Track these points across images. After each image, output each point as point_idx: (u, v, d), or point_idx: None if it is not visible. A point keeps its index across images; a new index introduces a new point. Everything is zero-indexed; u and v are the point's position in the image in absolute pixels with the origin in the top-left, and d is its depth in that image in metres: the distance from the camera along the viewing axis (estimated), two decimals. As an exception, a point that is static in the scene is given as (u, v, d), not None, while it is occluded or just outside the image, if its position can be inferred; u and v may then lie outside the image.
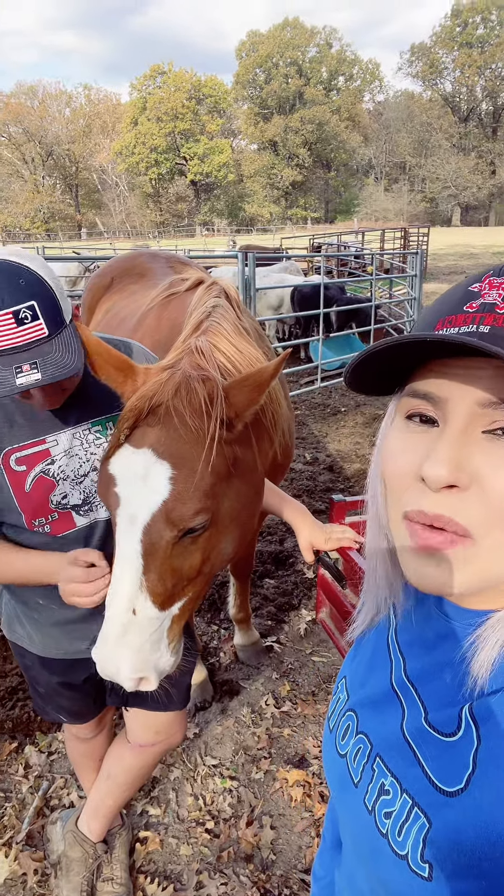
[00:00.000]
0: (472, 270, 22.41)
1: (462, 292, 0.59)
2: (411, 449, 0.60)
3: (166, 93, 74.51)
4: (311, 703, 2.82)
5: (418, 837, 0.57)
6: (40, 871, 2.08)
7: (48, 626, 1.61)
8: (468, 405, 0.55)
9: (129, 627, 1.26)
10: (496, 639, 0.58)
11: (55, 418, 1.47)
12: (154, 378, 1.32)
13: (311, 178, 78.67)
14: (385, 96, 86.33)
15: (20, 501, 1.44)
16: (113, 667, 1.27)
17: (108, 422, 1.54)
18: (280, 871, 2.09)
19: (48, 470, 1.46)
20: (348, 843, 0.76)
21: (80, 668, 1.68)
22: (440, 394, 0.57)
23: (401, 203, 71.12)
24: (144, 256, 3.34)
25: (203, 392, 1.29)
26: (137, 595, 1.25)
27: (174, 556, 1.28)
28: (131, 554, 1.25)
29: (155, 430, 1.27)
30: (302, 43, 79.32)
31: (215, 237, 54.08)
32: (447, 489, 0.55)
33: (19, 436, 1.43)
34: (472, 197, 68.46)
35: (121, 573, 1.26)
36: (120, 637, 1.26)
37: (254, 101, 79.50)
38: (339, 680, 0.86)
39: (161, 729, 1.79)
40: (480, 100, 74.66)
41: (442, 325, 0.58)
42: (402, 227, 21.32)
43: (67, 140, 77.77)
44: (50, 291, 1.26)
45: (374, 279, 10.91)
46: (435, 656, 0.66)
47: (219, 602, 3.58)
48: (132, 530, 1.25)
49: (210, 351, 1.46)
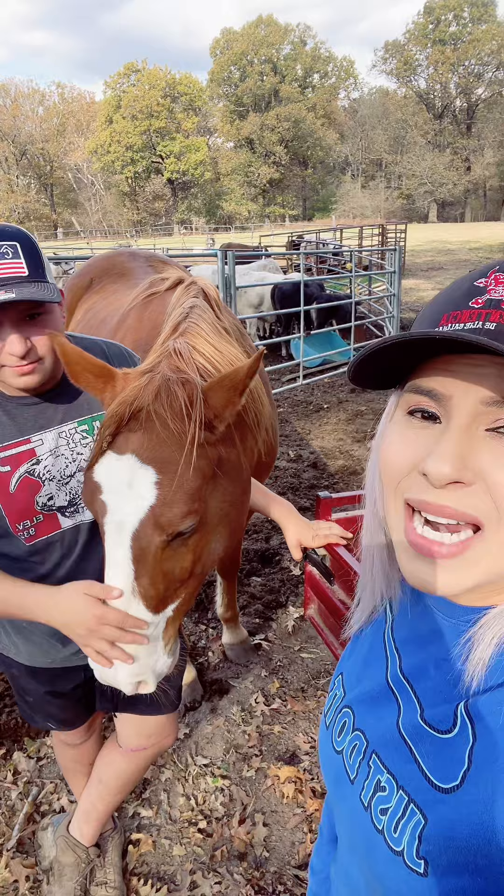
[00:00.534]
0: (448, 266, 22.61)
1: (467, 287, 0.59)
2: (412, 444, 0.60)
3: (141, 91, 74.02)
4: (301, 699, 2.83)
5: (414, 834, 0.58)
6: (32, 878, 2.06)
7: (35, 636, 1.58)
8: (472, 403, 0.55)
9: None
10: (491, 636, 0.58)
11: (41, 417, 1.45)
12: (133, 383, 1.31)
13: (289, 176, 78.75)
14: (360, 93, 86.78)
15: (4, 503, 1.41)
16: (111, 672, 1.27)
17: (95, 421, 1.52)
18: (274, 868, 2.10)
19: (34, 470, 1.43)
20: (344, 838, 0.76)
21: (69, 677, 1.66)
22: (444, 391, 0.57)
23: (378, 200, 71.45)
24: (124, 256, 3.32)
25: (183, 395, 1.28)
26: (131, 601, 1.25)
27: (165, 559, 1.27)
28: (122, 560, 1.24)
29: (137, 435, 1.26)
30: (276, 40, 79.26)
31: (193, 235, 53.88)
32: (451, 485, 0.55)
33: (3, 435, 1.41)
34: (448, 193, 69.03)
35: (113, 580, 1.25)
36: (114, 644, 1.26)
37: (229, 99, 79.29)
38: (336, 677, 0.86)
39: (152, 732, 1.78)
40: (454, 96, 75.25)
41: (447, 321, 0.58)
42: (379, 224, 21.43)
43: (41, 139, 76.86)
44: (34, 243, 1.30)
45: (354, 276, 10.96)
46: (430, 653, 0.67)
47: (206, 601, 3.57)
48: (121, 537, 1.24)
49: (189, 352, 1.45)
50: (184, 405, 1.27)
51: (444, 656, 0.64)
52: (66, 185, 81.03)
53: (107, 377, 1.33)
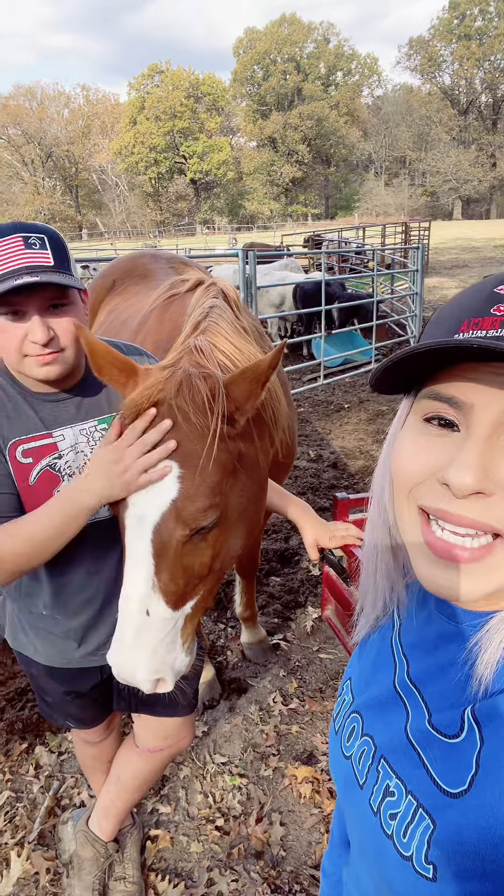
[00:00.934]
0: (473, 264, 22.32)
1: (488, 293, 0.58)
2: (428, 451, 0.59)
3: (164, 92, 74.40)
4: (319, 699, 2.83)
5: (423, 838, 0.58)
6: (52, 871, 2.09)
7: (52, 636, 1.60)
8: (495, 413, 0.54)
9: (143, 629, 1.25)
10: (499, 640, 0.58)
11: (63, 413, 1.47)
12: (155, 376, 1.32)
13: (311, 175, 78.47)
14: (384, 91, 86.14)
15: (24, 495, 1.42)
16: (130, 670, 1.27)
17: (115, 419, 1.55)
18: (290, 868, 2.10)
19: (55, 464, 1.45)
20: (355, 843, 0.76)
21: (87, 677, 1.68)
22: (465, 399, 0.56)
23: (401, 197, 70.79)
24: (146, 257, 3.35)
25: (205, 389, 1.29)
26: (150, 596, 1.25)
27: (185, 554, 1.27)
28: (142, 555, 1.25)
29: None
30: (299, 39, 79.05)
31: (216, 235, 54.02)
32: (472, 496, 0.55)
33: (27, 428, 1.42)
34: (473, 190, 68.12)
35: (133, 575, 1.25)
36: (135, 639, 1.25)
37: (252, 99, 79.31)
38: (345, 682, 0.86)
39: (169, 734, 1.79)
40: (480, 92, 74.28)
41: (468, 327, 0.57)
42: (402, 222, 21.26)
43: (66, 141, 77.78)
44: (60, 239, 1.34)
45: (376, 275, 10.89)
46: (437, 658, 0.67)
47: (225, 600, 3.59)
48: (142, 531, 1.24)
49: (210, 349, 1.46)
50: (206, 398, 1.28)
51: (451, 661, 0.63)
52: (91, 187, 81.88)
53: (129, 372, 1.34)
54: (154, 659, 1.27)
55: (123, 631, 1.26)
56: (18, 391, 1.44)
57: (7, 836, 2.23)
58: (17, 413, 1.42)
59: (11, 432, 1.41)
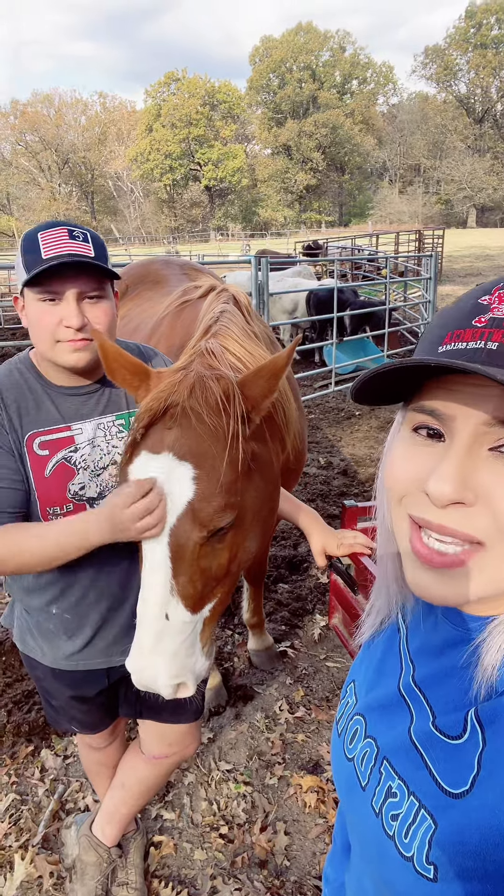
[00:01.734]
0: (487, 272, 22.24)
1: (471, 304, 0.58)
2: (415, 459, 0.60)
3: (180, 99, 75.06)
4: (326, 708, 2.81)
5: (424, 839, 0.58)
6: (56, 874, 2.09)
7: (60, 637, 1.59)
8: (474, 424, 0.55)
9: (163, 634, 1.24)
10: (499, 644, 0.58)
11: (83, 407, 1.49)
12: (168, 379, 1.33)
13: (325, 182, 78.68)
14: (399, 99, 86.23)
15: (38, 487, 1.43)
16: (150, 675, 1.25)
17: (131, 417, 1.55)
18: (294, 878, 2.09)
19: (70, 457, 1.46)
20: (356, 845, 0.76)
21: (93, 681, 1.67)
22: (446, 412, 0.57)
23: (415, 205, 70.78)
24: (158, 263, 3.37)
25: (218, 390, 1.30)
26: (169, 600, 1.24)
27: (202, 557, 1.27)
28: (160, 559, 1.24)
29: (172, 432, 1.27)
30: (315, 47, 79.44)
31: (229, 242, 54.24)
32: (452, 505, 0.56)
33: (45, 420, 1.44)
34: (488, 198, 67.89)
35: (151, 579, 1.25)
36: (155, 644, 1.24)
37: (267, 106, 79.71)
38: (348, 684, 0.86)
39: (174, 741, 1.79)
40: (495, 101, 74.15)
41: (450, 340, 0.58)
42: (416, 230, 21.24)
43: (83, 148, 78.65)
44: (101, 240, 1.44)
45: (389, 282, 10.88)
46: (442, 662, 0.67)
47: (232, 607, 3.58)
48: (160, 535, 1.24)
49: (221, 352, 1.48)
50: (219, 399, 1.28)
51: (455, 665, 0.64)
52: (107, 193, 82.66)
53: (142, 375, 1.36)
54: (174, 663, 1.25)
55: (143, 636, 1.24)
56: (42, 384, 1.47)
57: (11, 838, 2.23)
58: (38, 406, 1.45)
59: (30, 425, 1.43)
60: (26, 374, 1.47)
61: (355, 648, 0.91)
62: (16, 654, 3.11)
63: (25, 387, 1.45)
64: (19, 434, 1.42)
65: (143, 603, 1.26)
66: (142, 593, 1.27)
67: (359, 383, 0.62)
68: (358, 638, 0.86)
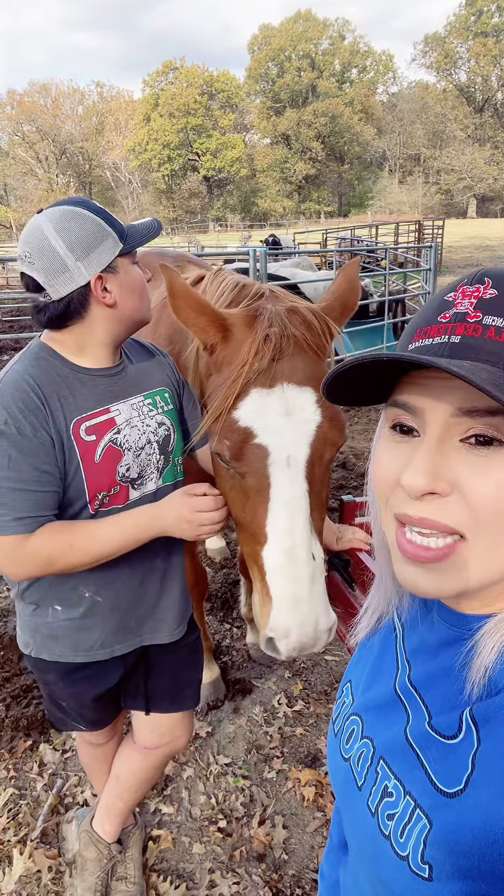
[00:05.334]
0: (487, 263, 22.19)
1: (438, 302, 0.61)
2: (394, 457, 0.62)
3: (178, 89, 74.40)
4: (324, 702, 2.81)
5: (419, 838, 0.58)
6: (54, 869, 2.10)
7: (93, 628, 1.53)
8: (442, 415, 0.57)
9: (314, 577, 1.20)
10: (493, 643, 0.59)
11: (114, 388, 1.47)
12: (255, 318, 1.34)
13: (325, 172, 78.15)
14: (399, 88, 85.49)
15: (88, 474, 1.39)
16: (312, 629, 1.20)
17: (157, 395, 1.55)
18: (292, 871, 2.09)
19: (115, 439, 1.43)
20: (353, 844, 0.76)
21: (113, 670, 1.62)
22: (417, 404, 0.60)
23: (415, 195, 70.34)
24: (151, 256, 3.34)
25: (310, 316, 1.33)
26: (311, 539, 1.21)
27: (323, 485, 1.27)
28: (297, 497, 1.21)
29: (283, 363, 1.26)
30: (314, 36, 78.69)
31: (228, 233, 53.97)
32: (428, 496, 0.57)
33: (85, 405, 1.40)
34: (488, 188, 67.49)
35: (291, 520, 1.20)
36: (312, 588, 1.19)
37: (266, 96, 79.03)
38: (344, 684, 0.87)
39: (165, 731, 1.79)
40: (496, 89, 73.52)
41: (419, 337, 0.60)
42: (416, 221, 21.13)
43: (80, 138, 78.00)
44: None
45: (388, 273, 10.81)
46: (439, 662, 0.67)
47: (231, 601, 3.58)
48: (293, 471, 1.21)
49: (281, 293, 1.50)
50: (318, 325, 1.31)
51: (451, 665, 0.64)
52: (105, 184, 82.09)
53: (210, 314, 1.37)
54: (328, 606, 1.21)
55: (297, 586, 1.19)
56: (70, 369, 1.42)
57: (10, 833, 2.23)
58: (73, 392, 1.40)
59: (72, 412, 1.38)
60: (53, 361, 1.42)
61: (352, 646, 0.91)
62: (14, 648, 3.10)
63: (57, 376, 1.40)
64: (62, 426, 1.36)
65: (289, 550, 1.20)
66: (281, 542, 1.22)
67: (328, 381, 0.64)
68: (354, 637, 0.87)
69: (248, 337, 1.31)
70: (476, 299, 0.57)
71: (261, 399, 1.24)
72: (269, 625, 1.23)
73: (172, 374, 1.66)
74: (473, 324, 0.56)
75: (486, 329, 0.56)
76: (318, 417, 1.22)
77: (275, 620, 1.21)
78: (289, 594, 1.19)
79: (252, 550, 1.32)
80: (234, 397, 1.26)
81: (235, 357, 1.30)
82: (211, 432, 1.37)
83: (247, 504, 1.29)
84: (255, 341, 1.27)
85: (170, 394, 1.61)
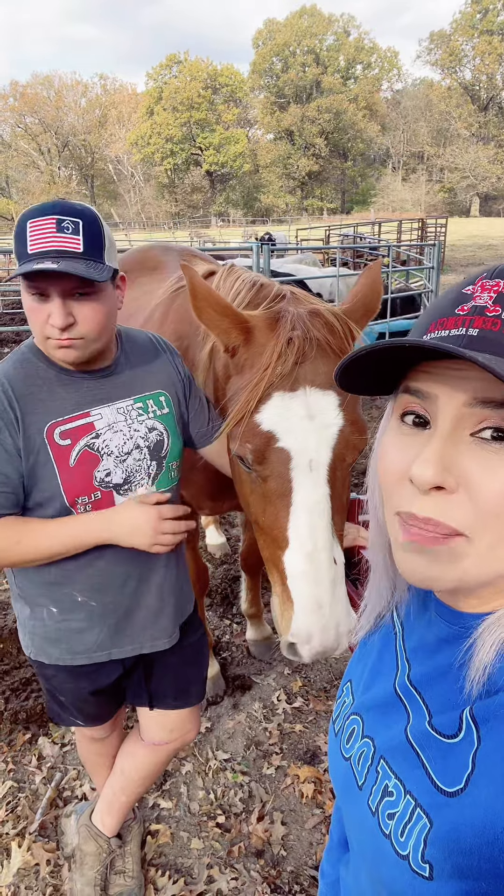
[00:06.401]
0: (490, 261, 22.12)
1: (456, 294, 0.60)
2: (403, 449, 0.61)
3: (182, 82, 74.05)
4: (323, 699, 2.82)
5: (420, 838, 0.58)
6: (53, 862, 2.10)
7: (84, 630, 1.52)
8: (456, 405, 0.56)
9: (336, 582, 1.19)
10: (492, 641, 0.59)
11: (99, 391, 1.45)
12: (277, 320, 1.32)
13: (328, 168, 77.93)
14: (403, 85, 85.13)
15: (63, 478, 1.39)
16: (334, 628, 1.19)
17: (149, 399, 1.52)
18: (290, 867, 2.09)
19: (93, 444, 1.42)
20: (353, 843, 0.77)
21: (111, 670, 1.63)
22: (430, 391, 0.59)
23: (419, 193, 70.19)
24: (157, 250, 3.33)
25: (333, 318, 1.32)
26: (333, 543, 1.20)
27: (344, 489, 1.26)
28: (319, 501, 1.20)
29: (305, 366, 1.25)
30: (319, 31, 78.31)
31: (230, 228, 53.84)
32: (435, 490, 0.57)
33: (62, 409, 1.40)
34: (492, 187, 67.31)
35: (313, 525, 1.20)
36: (334, 592, 1.18)
37: (270, 91, 78.68)
38: (344, 683, 0.87)
39: (175, 727, 1.79)
40: (501, 88, 73.20)
41: (434, 328, 0.59)
42: (419, 218, 21.08)
43: (83, 130, 77.70)
44: (100, 227, 1.32)
45: (391, 271, 10.79)
46: (438, 661, 0.67)
47: (231, 597, 3.58)
48: (315, 475, 1.21)
49: (301, 294, 1.48)
50: (340, 327, 1.30)
51: (450, 663, 0.64)
52: (107, 177, 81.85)
53: (232, 317, 1.35)
54: (349, 609, 1.20)
55: (320, 591, 1.18)
56: (54, 371, 1.41)
57: (8, 826, 2.23)
58: (51, 395, 1.40)
59: (47, 415, 1.38)
60: (36, 362, 1.42)
61: (353, 644, 0.91)
62: (13, 641, 3.10)
63: (38, 378, 1.40)
64: (35, 429, 1.36)
65: (311, 555, 1.19)
66: (303, 546, 1.20)
67: (343, 365, 0.63)
68: (353, 637, 0.87)
69: (270, 340, 1.29)
70: (496, 293, 0.57)
71: (283, 403, 1.23)
72: (291, 630, 1.22)
73: (176, 372, 1.62)
74: (492, 318, 0.56)
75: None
76: (341, 421, 1.22)
77: (297, 625, 1.20)
78: (311, 599, 1.18)
79: (273, 554, 1.30)
80: (257, 401, 1.25)
81: (258, 360, 1.29)
82: (232, 435, 1.35)
83: (268, 508, 1.28)
84: (278, 344, 1.26)
85: (167, 397, 1.56)
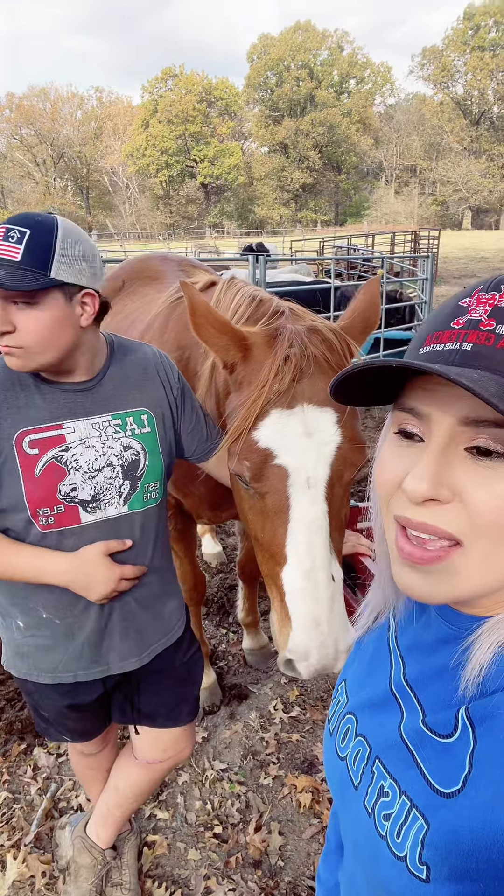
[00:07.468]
0: (482, 273, 22.33)
1: (452, 307, 0.60)
2: (398, 461, 0.62)
3: (177, 95, 74.62)
4: (320, 708, 2.81)
5: (417, 839, 0.58)
6: (48, 874, 2.07)
7: (53, 648, 1.50)
8: (449, 424, 0.57)
9: (334, 598, 1.19)
10: (490, 643, 0.59)
11: (75, 405, 1.43)
12: (275, 337, 1.33)
13: (322, 181, 78.51)
14: (396, 99, 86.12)
15: (28, 487, 1.37)
16: (332, 645, 1.18)
17: (129, 416, 1.49)
18: (288, 878, 2.08)
19: (61, 457, 1.40)
20: (349, 845, 0.76)
21: (90, 688, 1.60)
22: (424, 410, 0.59)
23: (411, 206, 70.86)
24: (156, 259, 3.35)
25: (331, 335, 1.32)
26: (331, 560, 1.19)
27: (343, 504, 1.26)
28: (317, 518, 1.20)
29: (303, 383, 1.25)
30: (313, 46, 79.23)
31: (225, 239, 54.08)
32: (429, 502, 0.57)
33: (36, 417, 1.38)
34: (483, 200, 68.05)
35: (311, 542, 1.20)
36: (332, 609, 1.18)
37: (265, 104, 79.39)
38: (339, 683, 0.87)
39: (168, 746, 1.76)
40: (492, 103, 74.14)
41: (430, 342, 0.60)
42: (412, 231, 21.26)
43: (79, 142, 78.03)
44: (52, 239, 1.26)
45: (385, 282, 10.87)
46: (434, 660, 0.68)
47: (227, 606, 3.57)
48: (313, 492, 1.21)
49: (300, 311, 1.49)
50: (338, 344, 1.31)
51: (447, 663, 0.64)
52: (102, 188, 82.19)
53: (230, 333, 1.35)
54: (348, 629, 1.19)
55: (318, 608, 1.18)
56: (35, 379, 1.40)
57: (3, 837, 2.21)
58: (28, 402, 1.38)
59: (19, 422, 1.37)
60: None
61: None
62: (9, 651, 3.08)
63: (17, 381, 1.38)
64: (5, 434, 1.35)
65: (307, 573, 1.19)
66: (301, 563, 1.20)
67: (335, 383, 0.64)
68: (352, 637, 0.87)
69: (268, 357, 1.30)
70: (491, 307, 0.57)
71: (281, 420, 1.23)
72: (288, 646, 1.22)
73: (166, 391, 1.56)
74: (486, 332, 0.55)
75: (498, 338, 0.55)
76: (339, 438, 1.22)
77: (294, 642, 1.20)
78: (308, 616, 1.18)
79: (271, 571, 1.30)
80: (254, 418, 1.25)
81: (255, 377, 1.29)
82: (230, 452, 1.35)
83: (266, 524, 1.28)
84: (276, 362, 1.26)
85: (150, 416, 1.52)
